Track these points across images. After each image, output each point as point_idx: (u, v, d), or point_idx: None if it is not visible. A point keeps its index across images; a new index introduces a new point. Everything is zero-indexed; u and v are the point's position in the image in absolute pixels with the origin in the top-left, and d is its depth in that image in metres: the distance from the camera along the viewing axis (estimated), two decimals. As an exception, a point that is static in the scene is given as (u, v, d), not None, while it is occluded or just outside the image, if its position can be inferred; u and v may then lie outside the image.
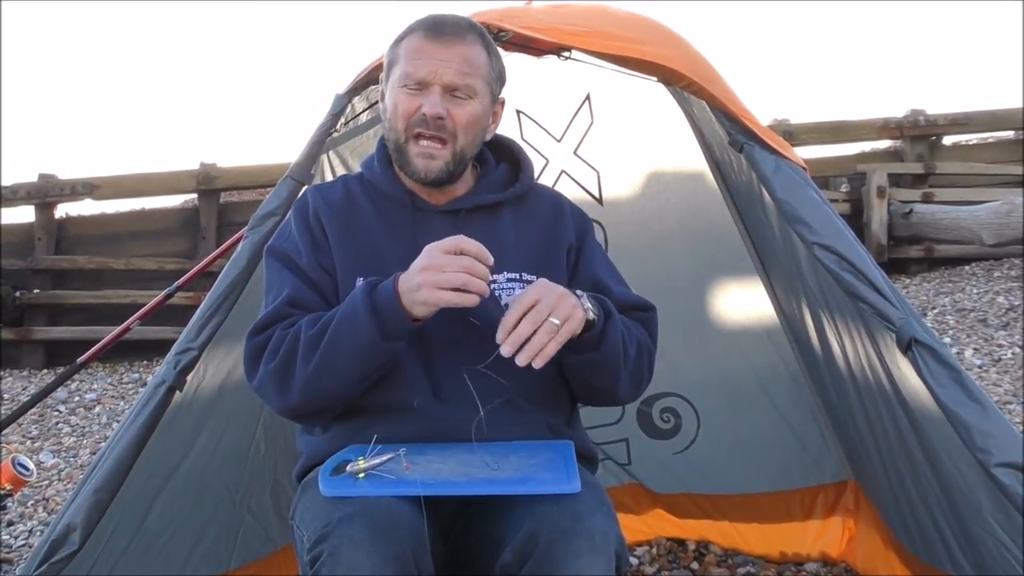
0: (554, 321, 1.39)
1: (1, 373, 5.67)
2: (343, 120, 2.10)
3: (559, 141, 2.49)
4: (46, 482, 3.70)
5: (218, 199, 6.54)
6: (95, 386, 5.24)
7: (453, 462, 1.42)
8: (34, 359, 5.95)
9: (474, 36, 1.60)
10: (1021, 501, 1.39)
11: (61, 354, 5.87)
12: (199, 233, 6.40)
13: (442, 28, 1.57)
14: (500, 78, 1.65)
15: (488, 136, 1.67)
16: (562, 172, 2.50)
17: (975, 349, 4.55)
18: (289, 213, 1.73)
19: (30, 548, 2.90)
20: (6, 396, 5.17)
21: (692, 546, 2.68)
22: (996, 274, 6.05)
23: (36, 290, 6.14)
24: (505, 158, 1.74)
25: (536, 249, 1.64)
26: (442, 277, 1.38)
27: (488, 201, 1.65)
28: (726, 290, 2.55)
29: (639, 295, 1.70)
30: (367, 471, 1.36)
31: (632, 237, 2.50)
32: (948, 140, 7.15)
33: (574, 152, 2.50)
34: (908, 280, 6.27)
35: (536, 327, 1.39)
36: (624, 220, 2.51)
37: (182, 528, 2.04)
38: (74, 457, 4.06)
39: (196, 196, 6.64)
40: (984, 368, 4.27)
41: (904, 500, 2.05)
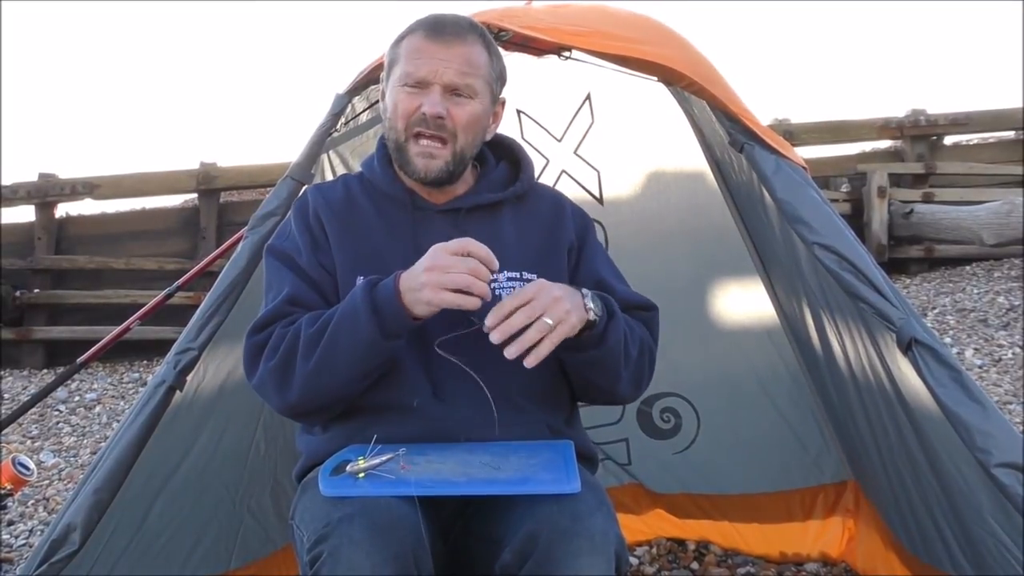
0: (547, 321, 1.39)
1: (1, 373, 5.67)
2: (343, 120, 2.10)
3: (559, 141, 2.49)
4: (46, 482, 3.70)
5: (218, 199, 6.53)
6: (95, 386, 5.24)
7: (453, 462, 1.42)
8: (34, 359, 5.95)
9: (475, 36, 1.60)
10: (1021, 501, 1.39)
11: (61, 354, 5.88)
12: (199, 233, 6.40)
13: (443, 28, 1.57)
14: (501, 78, 1.65)
15: (488, 136, 1.67)
16: (562, 172, 2.50)
17: (975, 349, 4.55)
18: (289, 213, 1.72)
19: (30, 548, 2.90)
20: (6, 396, 5.17)
21: (692, 546, 2.68)
22: (996, 274, 6.05)
23: (36, 290, 6.14)
24: (505, 157, 1.73)
25: (536, 248, 1.64)
26: (446, 278, 1.38)
27: (488, 200, 1.65)
28: (726, 290, 2.55)
29: (641, 294, 1.70)
30: (367, 471, 1.36)
31: (632, 237, 2.50)
32: (948, 140, 7.15)
33: (574, 152, 2.50)
34: (908, 280, 6.27)
35: (529, 322, 1.39)
36: (624, 220, 2.51)
37: (182, 528, 2.04)
38: (74, 457, 4.06)
39: (196, 196, 6.64)
40: (984, 368, 4.27)
41: (904, 500, 2.05)
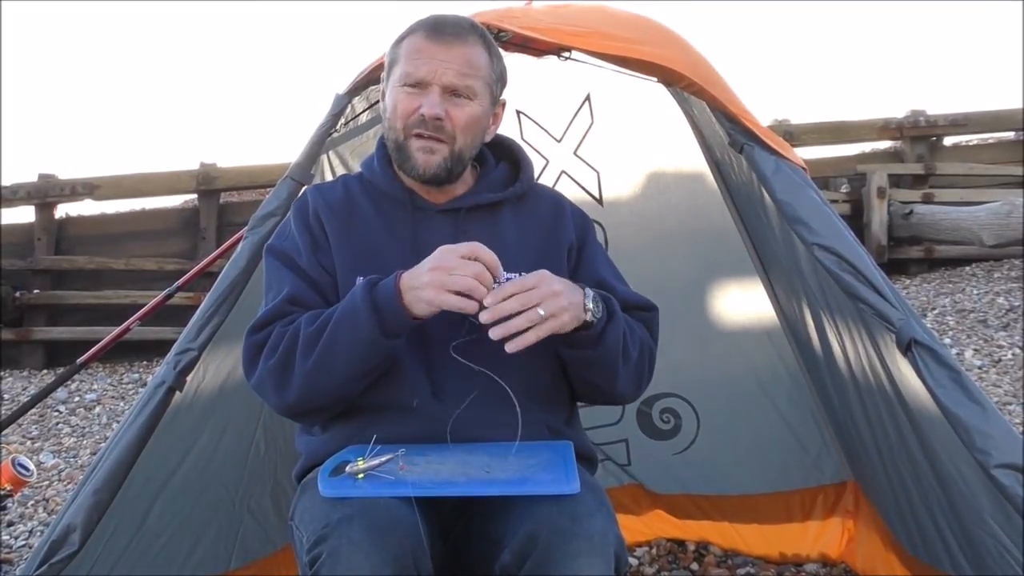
0: (540, 312, 1.39)
1: (1, 373, 5.67)
2: (343, 120, 2.10)
3: (559, 141, 2.49)
4: (46, 482, 3.70)
5: (218, 199, 6.53)
6: (95, 386, 5.24)
7: (453, 463, 1.42)
8: (34, 359, 5.95)
9: (475, 37, 1.59)
10: (1021, 502, 1.39)
11: (61, 354, 5.87)
12: (199, 233, 6.40)
13: (443, 28, 1.57)
14: (501, 80, 1.65)
15: (488, 137, 1.67)
16: (562, 172, 2.50)
17: (975, 350, 4.54)
18: (289, 213, 1.72)
19: (30, 548, 2.90)
20: (6, 396, 5.17)
21: (692, 547, 2.68)
22: (996, 275, 6.05)
23: (36, 290, 6.14)
24: (505, 158, 1.73)
25: (536, 249, 1.64)
26: (449, 279, 1.39)
27: (488, 200, 1.65)
28: (726, 291, 2.55)
29: (642, 295, 1.70)
30: (366, 472, 1.36)
31: (632, 237, 2.50)
32: (948, 141, 7.15)
33: (574, 152, 2.50)
34: (908, 281, 6.28)
35: (522, 309, 1.39)
36: (624, 220, 2.51)
37: (182, 528, 2.04)
38: (74, 457, 4.06)
39: (196, 196, 6.64)
40: (984, 369, 4.27)
41: (904, 501, 2.05)
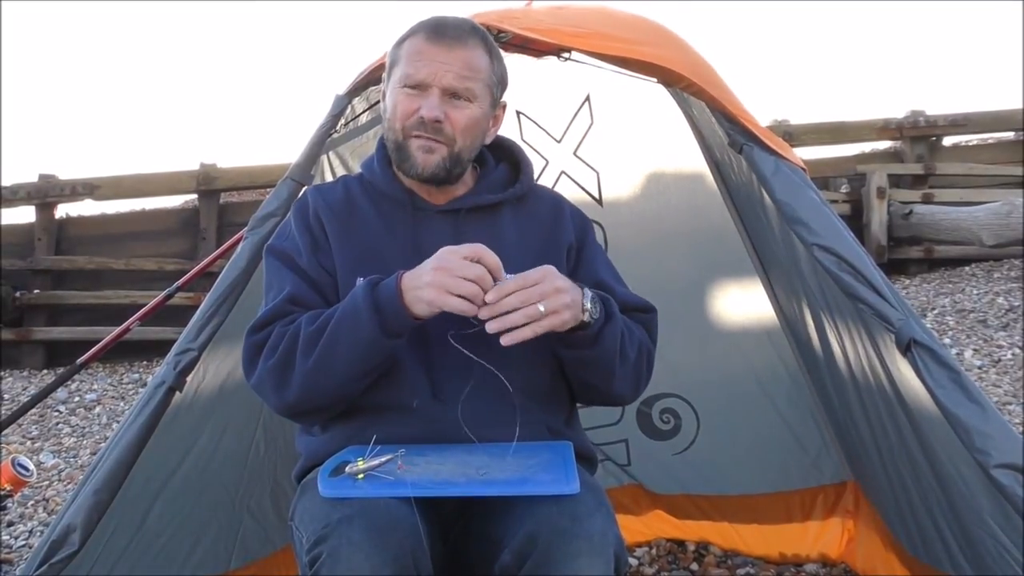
0: (539, 308, 1.39)
1: (1, 373, 5.67)
2: (343, 121, 2.10)
3: (559, 142, 2.49)
4: (46, 483, 3.70)
5: (218, 199, 6.53)
6: (95, 386, 5.24)
7: (452, 463, 1.42)
8: (34, 359, 5.95)
9: (476, 40, 1.59)
10: (1021, 503, 1.39)
11: (61, 354, 5.88)
12: (199, 233, 6.40)
13: (444, 31, 1.57)
14: (502, 82, 1.65)
15: (488, 140, 1.67)
16: (562, 173, 2.50)
17: (975, 350, 4.55)
18: (289, 213, 1.72)
19: (30, 549, 2.90)
20: (6, 396, 5.17)
21: (692, 547, 2.68)
22: (996, 275, 6.05)
23: (36, 290, 6.14)
24: (505, 159, 1.74)
25: (536, 249, 1.64)
26: (452, 282, 1.38)
27: (488, 201, 1.65)
28: (726, 291, 2.55)
29: (641, 296, 1.70)
30: (366, 472, 1.36)
31: (632, 238, 2.50)
32: (948, 141, 7.15)
33: (574, 153, 2.50)
34: (908, 281, 6.28)
35: (522, 305, 1.39)
36: (624, 221, 2.51)
37: (182, 528, 2.04)
38: (74, 457, 4.06)
39: (196, 196, 6.64)
40: (984, 369, 4.27)
41: (904, 501, 2.05)
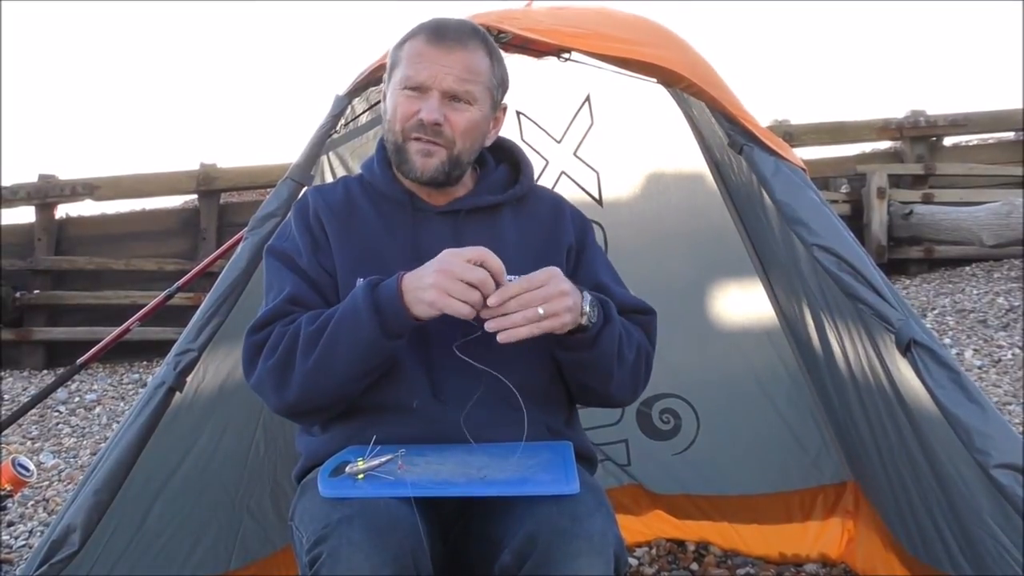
0: (539, 311, 1.40)
1: (1, 373, 5.67)
2: (343, 121, 2.10)
3: (559, 142, 2.49)
4: (46, 483, 3.70)
5: (218, 200, 6.54)
6: (95, 387, 5.24)
7: (452, 463, 1.42)
8: (34, 359, 5.95)
9: (477, 42, 1.59)
10: (1020, 503, 1.39)
11: (61, 354, 5.88)
12: (199, 234, 6.40)
13: (445, 33, 1.57)
14: (502, 85, 1.65)
15: (488, 142, 1.67)
16: (562, 173, 2.50)
17: (975, 350, 4.55)
18: (289, 214, 1.72)
19: (30, 549, 2.90)
20: (6, 396, 5.17)
21: (691, 547, 2.68)
22: (996, 275, 6.06)
23: (36, 291, 6.15)
24: (505, 160, 1.73)
25: (536, 250, 1.64)
26: (453, 286, 1.38)
27: (488, 202, 1.65)
28: (726, 291, 2.55)
29: (640, 298, 1.70)
30: (366, 472, 1.36)
31: (632, 238, 2.50)
32: (948, 141, 7.16)
33: (574, 153, 2.50)
34: (908, 281, 6.28)
35: (524, 309, 1.39)
36: (624, 221, 2.51)
37: (182, 528, 2.04)
38: (74, 458, 4.06)
39: (196, 197, 6.65)
40: (984, 369, 4.27)
41: (904, 501, 2.05)
